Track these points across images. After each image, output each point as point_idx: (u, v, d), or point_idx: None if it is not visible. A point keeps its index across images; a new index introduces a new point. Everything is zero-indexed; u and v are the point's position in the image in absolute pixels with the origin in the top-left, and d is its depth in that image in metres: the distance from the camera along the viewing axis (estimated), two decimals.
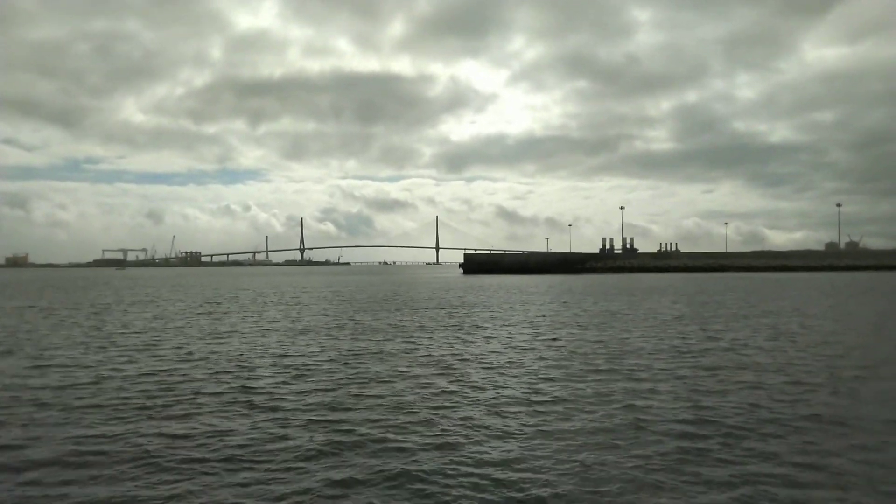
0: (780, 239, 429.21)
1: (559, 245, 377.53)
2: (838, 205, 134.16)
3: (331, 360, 15.55)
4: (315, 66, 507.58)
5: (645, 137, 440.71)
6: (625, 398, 11.15)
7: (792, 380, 12.82)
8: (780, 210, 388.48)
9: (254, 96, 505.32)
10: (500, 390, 11.91)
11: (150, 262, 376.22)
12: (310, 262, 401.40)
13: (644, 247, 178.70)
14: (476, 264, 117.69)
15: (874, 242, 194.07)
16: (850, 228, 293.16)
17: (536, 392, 11.68)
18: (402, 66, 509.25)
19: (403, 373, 13.85)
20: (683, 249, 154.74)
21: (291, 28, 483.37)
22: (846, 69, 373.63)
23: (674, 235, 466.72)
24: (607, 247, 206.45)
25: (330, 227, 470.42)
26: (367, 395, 11.54)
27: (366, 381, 12.90)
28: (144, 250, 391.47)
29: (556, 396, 11.31)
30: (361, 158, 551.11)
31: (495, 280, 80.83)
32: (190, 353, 16.84)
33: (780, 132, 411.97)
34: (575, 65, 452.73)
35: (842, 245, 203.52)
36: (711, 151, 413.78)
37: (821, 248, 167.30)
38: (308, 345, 18.54)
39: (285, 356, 16.27)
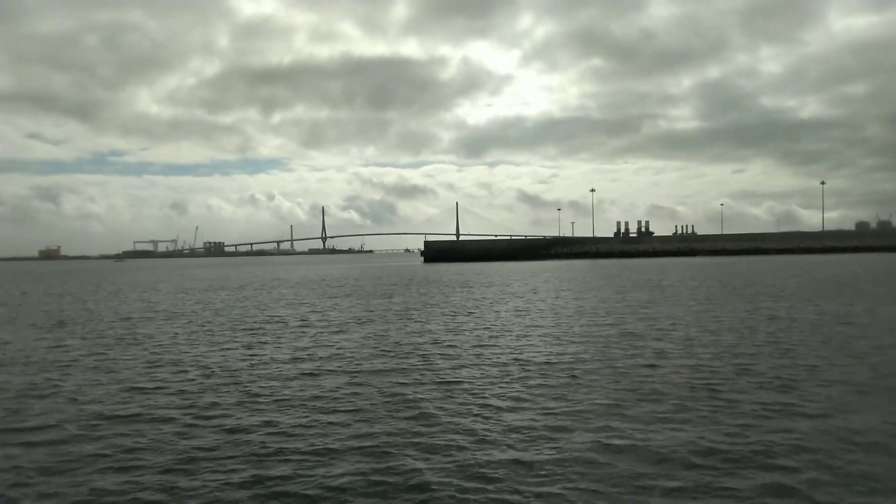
0: (816, 219, 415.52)
1: (583, 229, 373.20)
2: (822, 182, 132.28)
3: None
4: (324, 52, 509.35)
5: (668, 116, 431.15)
6: None
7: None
8: (816, 189, 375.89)
9: (265, 84, 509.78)
10: None
11: (176, 253, 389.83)
12: (333, 251, 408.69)
13: (668, 230, 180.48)
14: (437, 252, 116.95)
15: None
16: (889, 208, 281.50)
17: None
18: (411, 48, 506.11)
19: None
20: (711, 232, 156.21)
21: (295, 14, 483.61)
22: (876, 38, 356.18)
23: (702, 217, 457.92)
24: (622, 230, 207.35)
25: (354, 214, 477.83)
26: None
27: None
28: (174, 241, 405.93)
29: None
30: (380, 145, 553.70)
31: (453, 268, 77.16)
32: None
33: (810, 107, 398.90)
34: (588, 42, 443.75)
35: (873, 224, 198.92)
36: (739, 129, 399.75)
37: (852, 227, 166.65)
38: None
39: None
